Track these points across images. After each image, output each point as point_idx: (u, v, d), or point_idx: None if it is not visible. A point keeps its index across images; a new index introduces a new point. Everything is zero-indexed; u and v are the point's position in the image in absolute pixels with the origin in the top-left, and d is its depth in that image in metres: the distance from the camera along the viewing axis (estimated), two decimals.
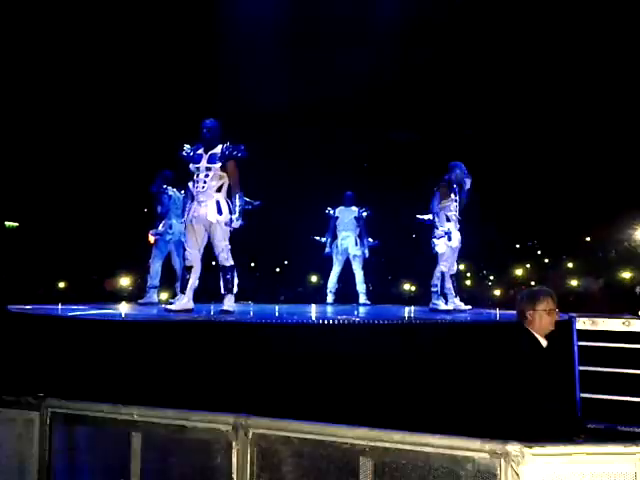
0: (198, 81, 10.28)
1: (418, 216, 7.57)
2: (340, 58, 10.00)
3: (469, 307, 7.28)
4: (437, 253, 7.20)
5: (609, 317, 4.91)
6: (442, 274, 7.16)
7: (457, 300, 7.28)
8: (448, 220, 7.21)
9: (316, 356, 4.95)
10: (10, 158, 10.03)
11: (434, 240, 7.19)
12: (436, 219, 7.18)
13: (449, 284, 7.24)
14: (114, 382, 5.20)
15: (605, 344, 4.56)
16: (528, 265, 12.64)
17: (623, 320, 4.72)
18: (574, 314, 5.15)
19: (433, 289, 7.19)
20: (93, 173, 10.48)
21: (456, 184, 7.28)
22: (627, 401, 4.25)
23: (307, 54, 10.31)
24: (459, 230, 7.31)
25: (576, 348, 4.63)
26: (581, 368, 4.50)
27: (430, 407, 4.48)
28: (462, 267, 7.15)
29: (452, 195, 7.24)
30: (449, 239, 7.12)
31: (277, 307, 8.00)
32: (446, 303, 7.22)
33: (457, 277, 7.45)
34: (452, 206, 7.25)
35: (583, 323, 4.65)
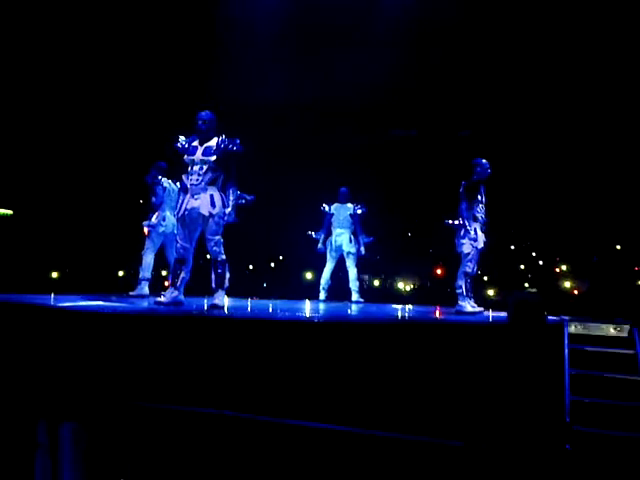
0: (196, 71, 10.19)
1: (447, 221, 7.33)
2: (342, 55, 9.94)
3: (481, 309, 7.15)
4: (462, 253, 7.04)
5: (601, 322, 4.89)
6: (466, 274, 7.00)
7: (471, 302, 7.14)
8: (475, 220, 7.09)
9: (308, 353, 4.92)
10: (3, 145, 9.95)
11: (461, 240, 7.04)
12: (465, 221, 7.01)
13: (467, 285, 7.08)
14: (102, 374, 5.17)
15: (596, 348, 4.55)
16: (522, 266, 12.66)
17: (614, 325, 4.70)
18: (566, 317, 5.14)
19: (458, 290, 6.99)
20: (88, 162, 10.40)
21: (481, 182, 7.12)
22: (617, 406, 4.23)
23: (308, 51, 10.24)
24: (484, 232, 7.15)
25: (567, 351, 4.61)
26: (572, 371, 4.48)
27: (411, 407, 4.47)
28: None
29: (478, 196, 7.10)
30: (475, 240, 7.02)
31: (269, 303, 7.95)
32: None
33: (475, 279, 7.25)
34: (479, 207, 7.13)
35: (574, 327, 4.63)
